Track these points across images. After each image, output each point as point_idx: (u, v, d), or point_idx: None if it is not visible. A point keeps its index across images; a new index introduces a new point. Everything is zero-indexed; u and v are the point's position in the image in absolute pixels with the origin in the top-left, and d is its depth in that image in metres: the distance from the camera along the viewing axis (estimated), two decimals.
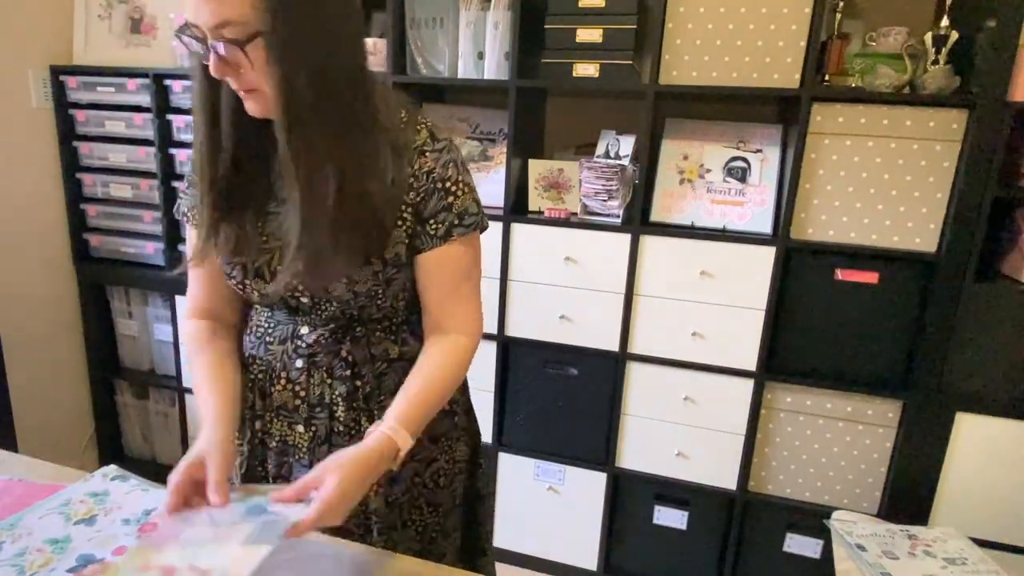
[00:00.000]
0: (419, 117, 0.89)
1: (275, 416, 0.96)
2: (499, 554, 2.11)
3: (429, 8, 1.83)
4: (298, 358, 0.93)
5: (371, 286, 0.87)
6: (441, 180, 0.86)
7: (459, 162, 0.89)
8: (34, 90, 2.11)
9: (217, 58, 0.74)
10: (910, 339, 1.65)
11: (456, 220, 0.88)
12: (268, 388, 0.95)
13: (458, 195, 0.88)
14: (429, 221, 0.87)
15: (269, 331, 0.95)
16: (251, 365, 0.97)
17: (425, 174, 0.86)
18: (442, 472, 1.03)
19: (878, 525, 1.50)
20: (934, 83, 1.52)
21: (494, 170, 1.96)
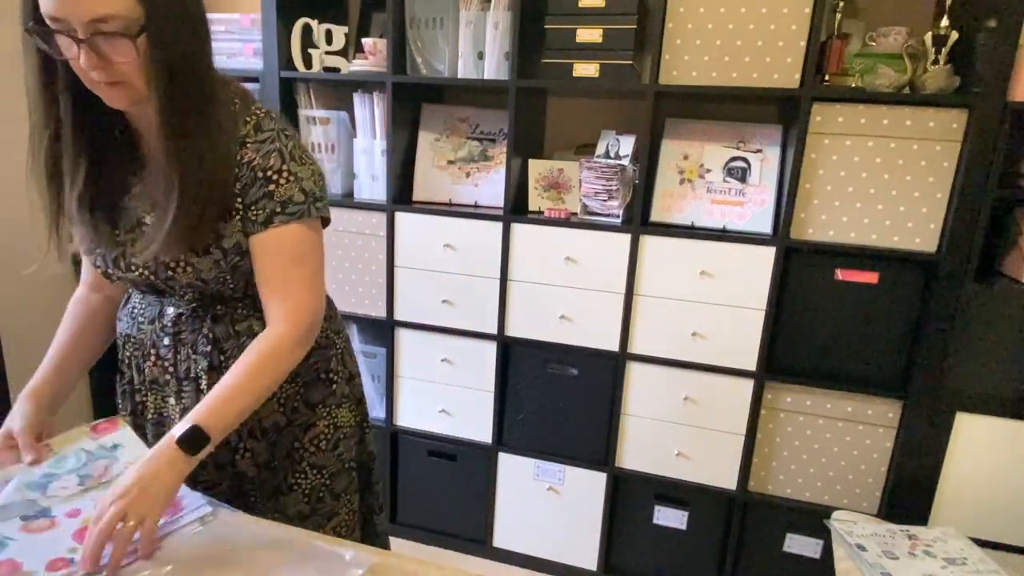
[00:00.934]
0: (253, 108, 0.93)
1: (149, 390, 1.03)
2: (499, 554, 2.11)
3: (429, 8, 1.83)
4: (165, 336, 0.99)
5: (216, 273, 0.93)
6: (262, 169, 0.89)
7: (286, 151, 0.91)
8: None
9: (90, 52, 0.75)
10: (910, 339, 1.65)
11: (278, 208, 0.90)
12: (142, 364, 1.03)
13: (280, 183, 0.90)
14: (251, 208, 0.90)
15: (141, 312, 1.02)
16: (127, 343, 1.04)
17: (246, 164, 0.89)
18: (323, 436, 1.08)
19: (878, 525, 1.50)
20: (934, 83, 1.52)
21: (494, 170, 1.96)
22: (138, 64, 0.77)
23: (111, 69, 0.77)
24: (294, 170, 0.91)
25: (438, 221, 1.90)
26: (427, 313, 1.98)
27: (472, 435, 2.04)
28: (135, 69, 0.78)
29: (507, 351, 1.96)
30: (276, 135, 0.91)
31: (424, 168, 2.02)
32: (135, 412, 1.07)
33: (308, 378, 1.06)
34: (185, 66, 0.80)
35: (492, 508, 2.08)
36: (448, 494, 2.13)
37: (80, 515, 0.83)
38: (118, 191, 0.92)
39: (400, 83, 1.86)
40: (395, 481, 2.18)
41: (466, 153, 2.00)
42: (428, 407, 2.07)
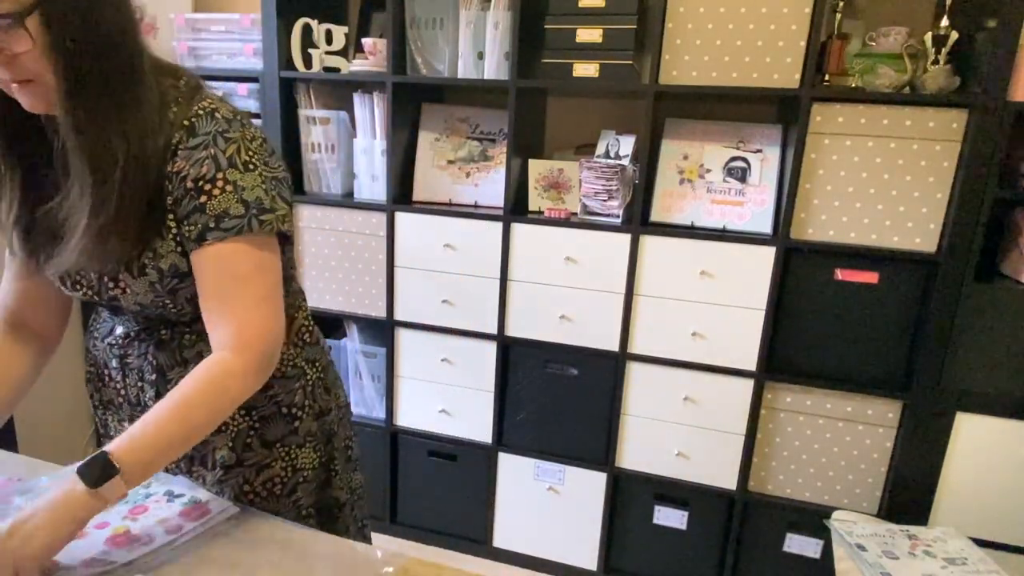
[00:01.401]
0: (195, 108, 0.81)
1: (106, 410, 0.98)
2: (499, 554, 2.11)
3: (429, 8, 1.83)
4: (112, 357, 0.92)
5: (153, 297, 0.83)
6: (192, 180, 0.78)
7: (222, 157, 0.79)
8: None
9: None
10: (910, 339, 1.65)
11: (211, 223, 0.78)
12: (98, 384, 0.98)
13: (213, 195, 0.78)
14: (183, 223, 0.80)
15: (97, 327, 0.96)
16: (87, 358, 0.99)
17: (175, 175, 0.79)
18: (278, 480, 0.96)
19: (878, 525, 1.50)
20: (934, 83, 1.52)
21: (494, 170, 1.96)
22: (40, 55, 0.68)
23: (15, 65, 0.69)
24: (232, 178, 0.79)
25: (438, 221, 1.90)
26: (427, 313, 1.98)
27: (472, 435, 2.04)
28: (38, 61, 0.69)
29: (507, 351, 1.96)
30: (212, 139, 0.79)
31: (424, 168, 2.02)
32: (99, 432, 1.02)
33: (265, 412, 0.94)
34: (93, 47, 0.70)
35: (492, 508, 2.08)
36: (448, 494, 2.13)
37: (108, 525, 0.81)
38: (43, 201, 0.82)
39: (400, 83, 1.86)
40: (395, 481, 2.18)
41: (466, 153, 2.00)
42: (428, 407, 2.07)
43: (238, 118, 0.83)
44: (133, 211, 0.77)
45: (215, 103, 0.82)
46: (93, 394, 1.00)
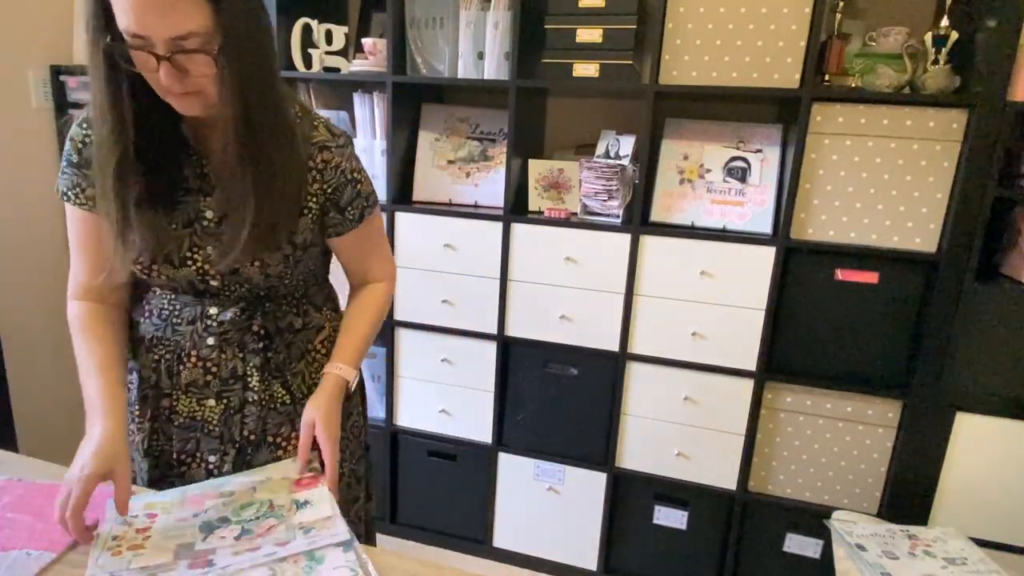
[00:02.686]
0: (312, 114, 0.99)
1: (183, 393, 1.00)
2: (499, 554, 2.11)
3: (429, 8, 1.83)
4: (209, 336, 0.98)
5: (281, 269, 0.97)
6: (351, 172, 1.00)
7: (354, 152, 1.03)
8: (34, 90, 2.11)
9: (170, 68, 0.78)
10: (910, 339, 1.65)
11: (365, 203, 1.03)
12: (176, 367, 0.99)
13: (362, 182, 1.03)
14: (347, 209, 1.01)
15: (176, 313, 0.99)
16: (155, 347, 1.00)
17: (334, 168, 0.97)
18: (355, 425, 1.16)
19: (878, 525, 1.50)
20: (934, 83, 1.52)
21: (494, 170, 1.96)
22: (215, 77, 0.81)
23: (188, 81, 0.81)
24: (362, 167, 1.04)
25: (438, 221, 1.90)
26: (427, 313, 1.98)
27: (472, 435, 2.04)
28: (210, 81, 0.81)
29: (507, 351, 1.96)
30: (346, 140, 1.00)
31: (424, 168, 2.02)
32: (156, 416, 1.02)
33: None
34: (258, 76, 0.83)
35: (492, 508, 2.08)
36: (448, 494, 2.13)
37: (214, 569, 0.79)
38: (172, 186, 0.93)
39: (400, 83, 1.86)
40: (395, 481, 2.18)
41: (466, 153, 2.00)
42: (428, 407, 2.07)
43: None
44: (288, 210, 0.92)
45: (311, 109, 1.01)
46: (160, 380, 1.01)
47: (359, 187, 1.01)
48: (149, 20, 0.74)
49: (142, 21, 0.74)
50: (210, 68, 0.79)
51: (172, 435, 1.02)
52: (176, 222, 0.93)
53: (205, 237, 0.93)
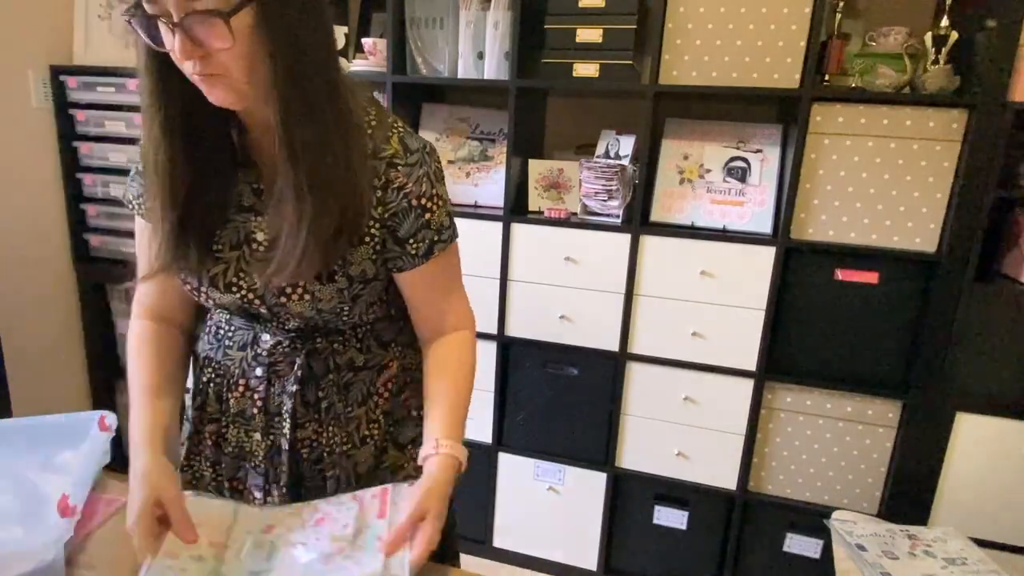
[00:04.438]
0: (389, 120, 0.83)
1: (231, 422, 0.92)
2: (499, 554, 2.11)
3: (429, 8, 1.83)
4: (258, 366, 0.88)
5: (336, 303, 0.83)
6: (417, 197, 0.81)
7: (432, 175, 0.83)
8: (34, 90, 2.11)
9: (184, 38, 0.65)
10: (910, 339, 1.65)
11: (435, 236, 0.85)
12: (225, 393, 0.91)
13: (434, 211, 0.84)
14: (408, 241, 0.83)
15: (228, 335, 0.90)
16: (206, 367, 0.92)
17: (397, 190, 0.80)
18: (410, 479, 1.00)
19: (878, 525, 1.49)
20: (934, 83, 1.52)
21: (494, 170, 1.96)
22: (237, 52, 0.66)
23: (209, 59, 0.67)
24: (441, 193, 0.85)
25: None
26: None
27: (472, 435, 2.04)
28: (234, 58, 0.67)
29: (507, 351, 1.96)
30: (423, 156, 0.82)
31: None
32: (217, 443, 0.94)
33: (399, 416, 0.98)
34: (302, 56, 0.69)
35: (492, 508, 2.08)
36: None
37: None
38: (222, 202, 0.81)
39: (400, 83, 1.86)
40: None
41: (466, 153, 2.00)
42: None
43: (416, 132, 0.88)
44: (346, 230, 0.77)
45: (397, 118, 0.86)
46: (211, 405, 0.92)
47: (428, 216, 0.83)
48: None
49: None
50: (228, 38, 0.65)
51: (221, 462, 0.94)
52: (223, 243, 0.82)
53: (253, 263, 0.82)
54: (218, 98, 0.71)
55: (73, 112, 2.17)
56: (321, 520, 0.80)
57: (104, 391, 2.45)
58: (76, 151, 2.21)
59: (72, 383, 2.39)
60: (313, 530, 0.79)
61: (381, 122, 0.82)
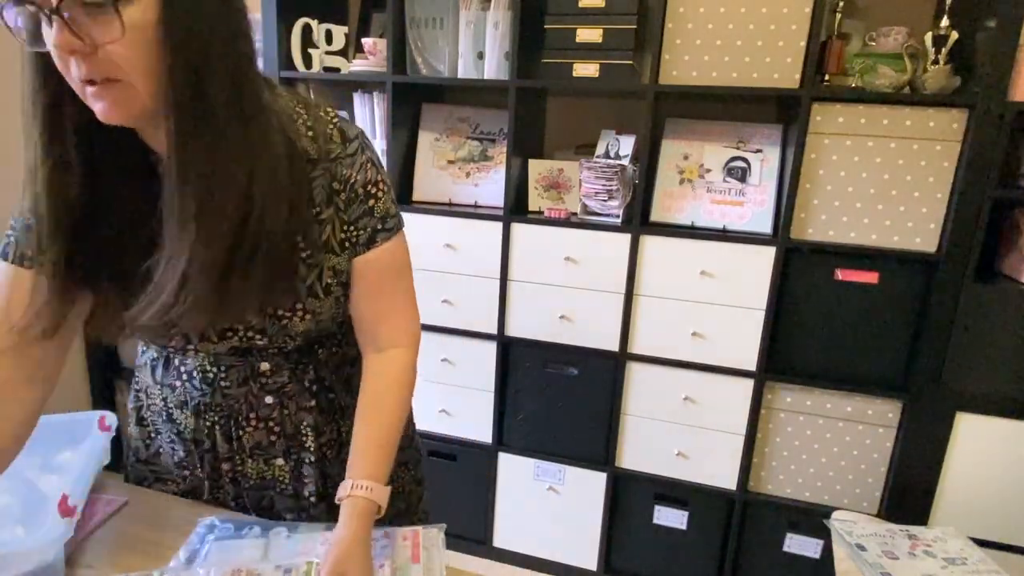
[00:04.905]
0: (322, 115, 0.77)
1: (249, 456, 0.90)
2: (499, 554, 2.11)
3: (429, 8, 1.83)
4: (267, 395, 0.86)
5: (333, 311, 0.82)
6: (363, 185, 0.78)
7: (375, 160, 0.80)
8: None
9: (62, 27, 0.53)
10: (910, 339, 1.65)
11: (379, 224, 0.80)
12: (234, 431, 0.88)
13: (379, 197, 0.80)
14: (349, 227, 0.79)
15: (221, 376, 0.84)
16: (205, 412, 0.87)
17: (346, 182, 0.77)
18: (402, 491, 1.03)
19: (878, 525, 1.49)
20: (934, 83, 1.52)
21: (494, 170, 1.96)
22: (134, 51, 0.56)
23: (96, 60, 0.55)
24: (384, 178, 0.81)
25: (438, 221, 1.90)
26: (427, 313, 1.98)
27: (472, 435, 2.04)
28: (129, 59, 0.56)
29: (507, 351, 1.96)
30: (362, 142, 0.79)
31: (424, 168, 2.02)
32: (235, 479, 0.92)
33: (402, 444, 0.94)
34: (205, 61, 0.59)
35: (492, 508, 2.08)
36: (448, 494, 2.13)
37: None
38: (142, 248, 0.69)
39: (400, 83, 1.86)
40: None
41: (466, 153, 2.00)
42: (428, 407, 2.07)
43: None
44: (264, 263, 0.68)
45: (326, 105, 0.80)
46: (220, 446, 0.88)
47: (372, 203, 0.79)
48: None
49: None
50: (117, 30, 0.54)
51: (243, 496, 0.93)
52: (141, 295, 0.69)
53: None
54: (107, 112, 0.59)
55: None
56: None
57: (104, 391, 2.45)
58: None
59: (72, 383, 2.39)
60: None
61: (317, 120, 0.76)
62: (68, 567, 0.80)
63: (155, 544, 0.85)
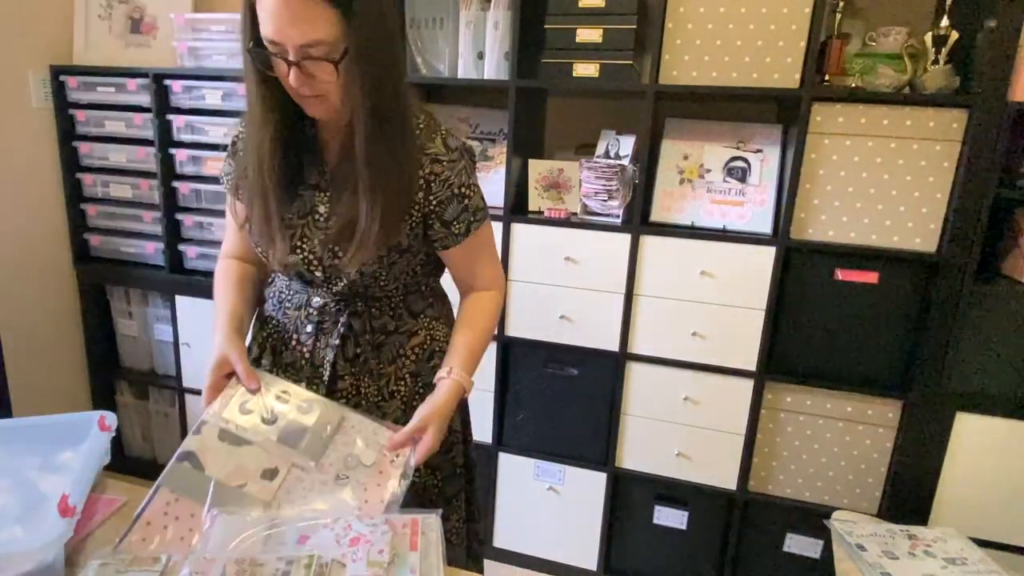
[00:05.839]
0: (435, 124, 1.02)
1: (282, 372, 1.08)
2: (499, 554, 2.11)
3: (429, 8, 1.83)
4: (308, 323, 1.06)
5: (376, 268, 1.00)
6: (457, 186, 1.00)
7: (468, 168, 1.03)
8: (34, 90, 2.11)
9: (299, 73, 0.86)
10: (910, 339, 1.65)
11: (472, 218, 1.04)
12: (280, 347, 1.09)
13: (471, 196, 1.03)
14: (452, 224, 1.02)
15: (288, 298, 1.08)
16: (267, 325, 1.11)
17: (443, 182, 0.99)
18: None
19: (878, 525, 1.49)
20: (934, 83, 1.52)
21: (494, 170, 1.96)
22: (338, 83, 0.87)
23: (314, 85, 0.88)
24: (474, 181, 1.05)
25: None
26: None
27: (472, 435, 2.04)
28: (335, 88, 0.88)
29: (507, 351, 1.96)
30: (461, 153, 1.02)
31: None
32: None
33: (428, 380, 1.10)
34: (383, 84, 0.89)
35: (492, 508, 2.08)
36: None
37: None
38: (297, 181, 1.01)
39: None
40: None
41: None
42: None
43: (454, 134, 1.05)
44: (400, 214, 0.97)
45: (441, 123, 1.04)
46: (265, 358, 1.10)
47: (466, 202, 1.02)
48: (283, 28, 0.82)
49: (278, 29, 0.82)
50: (333, 75, 0.86)
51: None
52: (293, 213, 1.00)
53: (315, 230, 1.00)
54: (316, 112, 0.93)
55: (73, 112, 2.17)
56: (356, 540, 0.83)
57: (104, 391, 2.45)
58: (76, 151, 2.21)
59: (72, 383, 2.39)
60: (350, 551, 0.81)
61: (428, 125, 1.01)
62: (68, 567, 0.80)
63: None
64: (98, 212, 2.24)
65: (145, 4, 2.13)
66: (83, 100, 2.16)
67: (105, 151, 2.18)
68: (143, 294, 2.33)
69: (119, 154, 2.17)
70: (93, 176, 2.22)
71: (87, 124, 2.17)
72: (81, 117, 2.17)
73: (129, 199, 2.20)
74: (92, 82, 2.12)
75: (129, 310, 2.37)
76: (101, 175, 2.21)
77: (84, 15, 2.16)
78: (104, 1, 2.15)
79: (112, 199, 2.23)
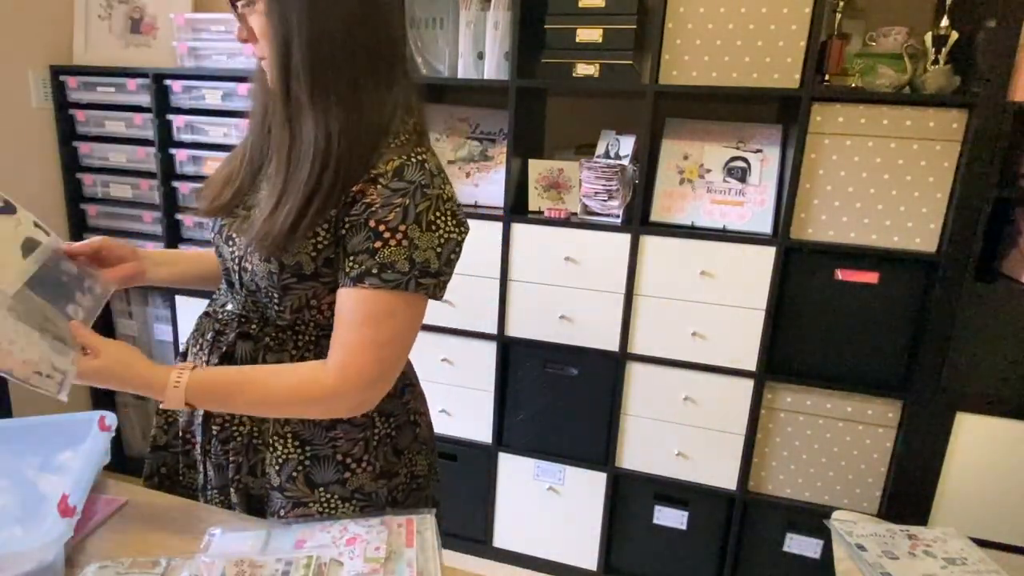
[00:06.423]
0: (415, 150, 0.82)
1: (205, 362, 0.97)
2: (499, 554, 2.11)
3: (429, 8, 1.83)
4: (210, 330, 0.94)
5: (266, 285, 0.85)
6: (376, 220, 0.78)
7: (412, 211, 0.78)
8: (34, 90, 2.11)
9: (240, 27, 0.80)
10: (910, 339, 1.65)
11: (375, 270, 0.78)
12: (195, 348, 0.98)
13: (389, 244, 0.78)
14: (349, 257, 0.80)
15: (216, 298, 0.99)
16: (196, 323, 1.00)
17: (365, 206, 0.78)
18: (401, 487, 0.99)
19: (878, 525, 1.49)
20: (934, 83, 1.52)
21: (494, 170, 1.96)
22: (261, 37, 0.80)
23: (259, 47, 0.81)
24: (411, 235, 0.78)
25: None
26: (427, 313, 1.97)
27: (472, 435, 2.04)
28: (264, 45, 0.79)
29: (507, 351, 1.96)
30: (413, 190, 0.78)
31: None
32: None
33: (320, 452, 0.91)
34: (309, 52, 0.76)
35: (492, 508, 2.08)
36: (448, 494, 2.13)
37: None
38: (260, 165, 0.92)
39: None
40: None
41: (466, 153, 2.00)
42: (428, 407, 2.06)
43: (441, 175, 0.83)
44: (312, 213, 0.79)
45: (427, 154, 0.83)
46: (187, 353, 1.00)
47: (378, 244, 0.78)
48: None
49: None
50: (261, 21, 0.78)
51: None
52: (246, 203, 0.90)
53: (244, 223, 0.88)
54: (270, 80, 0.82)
55: (73, 112, 2.17)
56: (352, 540, 0.83)
57: (104, 391, 2.45)
58: (76, 151, 2.21)
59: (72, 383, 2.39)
60: (347, 549, 0.82)
61: (401, 147, 0.81)
62: (68, 567, 0.80)
63: (155, 544, 0.85)
64: (98, 212, 2.24)
65: (145, 4, 2.13)
66: (83, 100, 2.16)
67: (105, 151, 2.18)
68: (143, 294, 2.33)
69: (119, 154, 2.17)
70: (93, 176, 2.22)
71: (87, 124, 2.17)
72: (81, 117, 2.17)
73: (129, 199, 2.20)
74: (92, 82, 2.12)
75: (129, 310, 2.37)
76: (101, 175, 2.21)
77: (84, 15, 2.16)
78: (104, 1, 2.15)
79: (112, 199, 2.23)
